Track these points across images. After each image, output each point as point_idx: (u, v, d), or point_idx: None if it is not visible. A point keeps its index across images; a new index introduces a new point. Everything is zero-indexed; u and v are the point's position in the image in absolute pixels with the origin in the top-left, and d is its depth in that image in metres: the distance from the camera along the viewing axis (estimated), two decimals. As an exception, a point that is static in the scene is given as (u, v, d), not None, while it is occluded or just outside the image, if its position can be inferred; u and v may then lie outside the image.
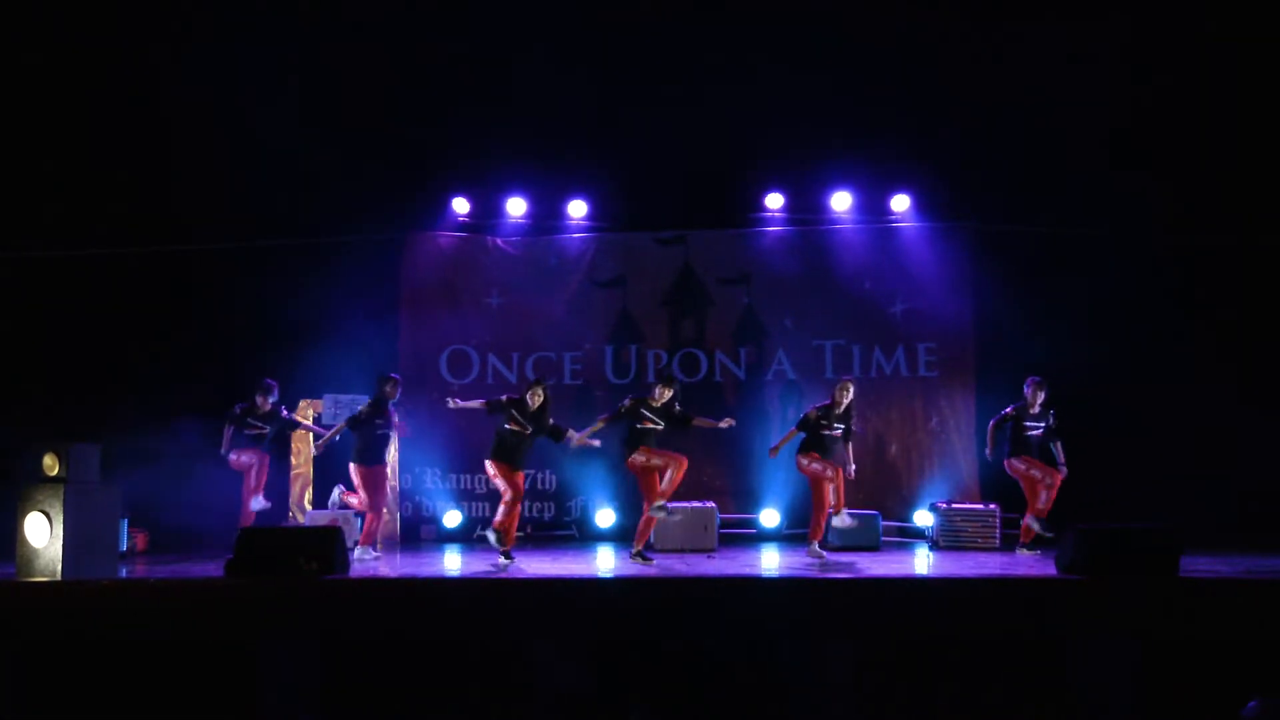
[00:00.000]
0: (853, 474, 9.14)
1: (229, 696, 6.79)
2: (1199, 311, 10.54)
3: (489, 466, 8.64)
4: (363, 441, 9.23)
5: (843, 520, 9.00)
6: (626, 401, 8.84)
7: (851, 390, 9.03)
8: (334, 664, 6.94)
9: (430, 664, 6.98)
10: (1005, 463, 9.21)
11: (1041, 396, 9.09)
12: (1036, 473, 9.03)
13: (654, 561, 8.76)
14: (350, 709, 6.89)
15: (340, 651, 6.97)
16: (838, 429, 8.99)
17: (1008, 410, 9.20)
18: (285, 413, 9.92)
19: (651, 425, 8.69)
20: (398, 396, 9.49)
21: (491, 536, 8.47)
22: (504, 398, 8.78)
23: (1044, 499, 9.00)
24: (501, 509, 8.57)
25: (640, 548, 8.75)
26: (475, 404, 8.83)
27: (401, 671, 6.98)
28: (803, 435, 9.00)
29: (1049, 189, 10.77)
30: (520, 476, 8.71)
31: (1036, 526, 9.00)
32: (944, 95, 10.75)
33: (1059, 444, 9.15)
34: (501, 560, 8.42)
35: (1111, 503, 9.82)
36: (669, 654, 6.96)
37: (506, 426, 8.65)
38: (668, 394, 8.74)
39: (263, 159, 10.51)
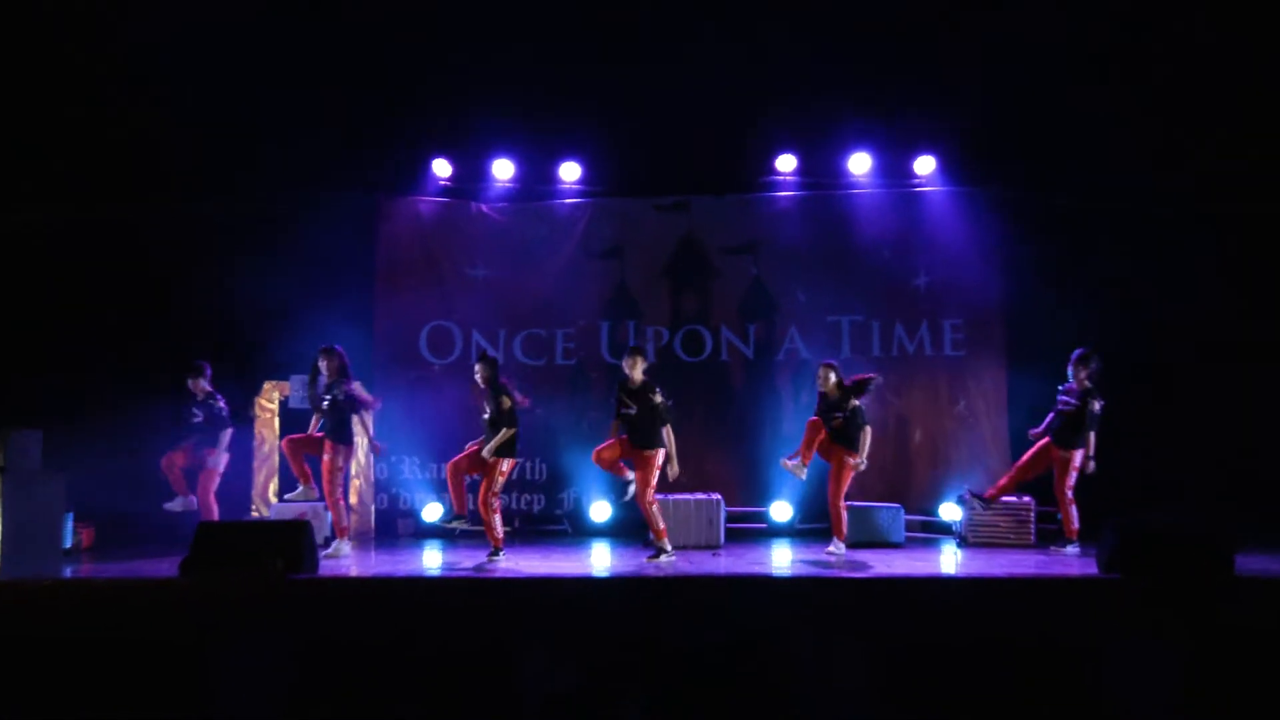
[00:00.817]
0: (862, 466, 9.04)
1: (185, 706, 6.70)
2: (1253, 284, 10.41)
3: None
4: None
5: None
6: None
7: (833, 375, 9.05)
8: (302, 672, 6.84)
9: (408, 671, 6.89)
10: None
11: (1082, 372, 9.07)
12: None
13: (674, 558, 8.73)
14: (319, 721, 6.81)
15: (309, 658, 6.87)
16: (836, 417, 8.94)
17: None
18: (222, 403, 9.71)
19: (625, 411, 8.60)
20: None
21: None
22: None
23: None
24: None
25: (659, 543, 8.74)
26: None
27: (376, 679, 6.89)
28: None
29: (1088, 150, 10.57)
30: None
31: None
32: (972, 45, 10.54)
33: (1091, 435, 9.03)
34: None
35: (1155, 494, 9.79)
36: (669, 660, 6.87)
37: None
38: (638, 370, 8.63)
39: (220, 114, 10.37)
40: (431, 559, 9.20)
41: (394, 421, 10.89)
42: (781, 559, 9.02)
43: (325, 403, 9.02)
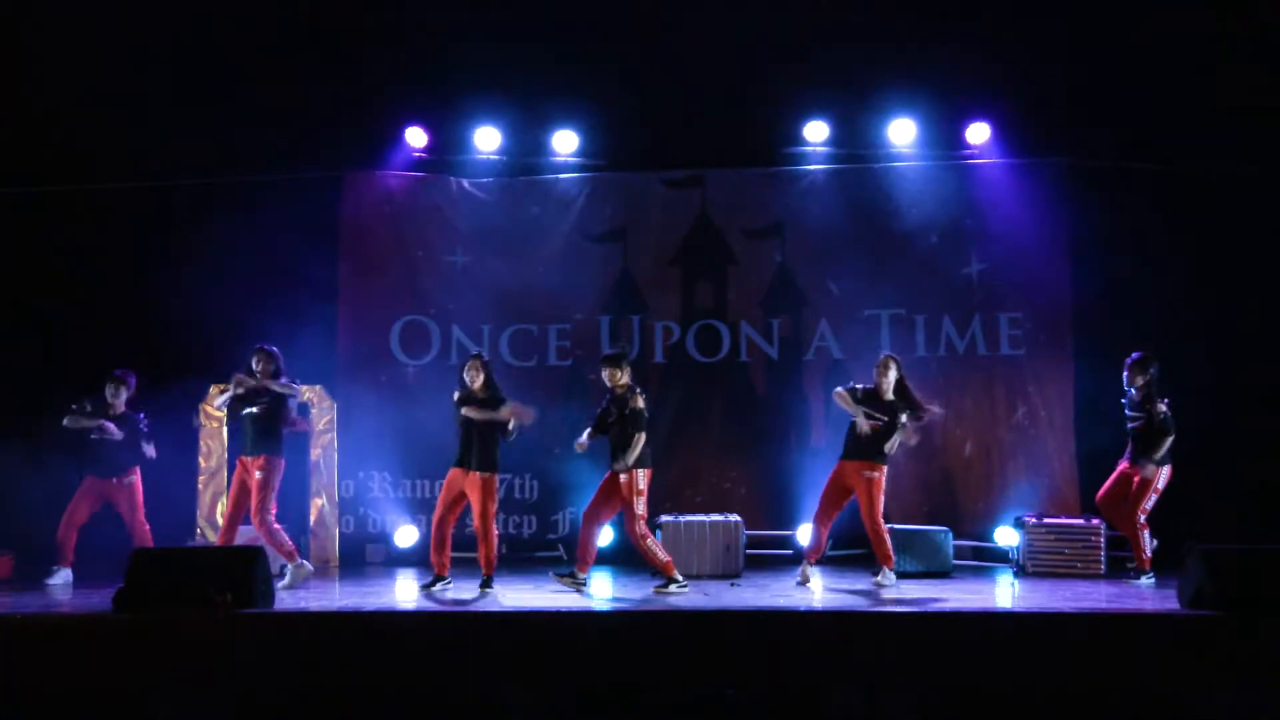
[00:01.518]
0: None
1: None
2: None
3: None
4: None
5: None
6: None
7: (894, 369, 9.06)
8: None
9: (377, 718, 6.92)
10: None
11: (1140, 379, 9.26)
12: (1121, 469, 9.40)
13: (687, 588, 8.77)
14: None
15: (261, 706, 6.90)
16: (878, 419, 8.98)
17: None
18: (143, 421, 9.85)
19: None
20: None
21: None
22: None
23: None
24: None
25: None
26: None
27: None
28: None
29: (1172, 114, 10.54)
30: None
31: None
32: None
33: (1168, 441, 9.19)
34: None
35: (1245, 519, 9.78)
36: (682, 707, 6.89)
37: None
38: (618, 376, 8.80)
39: (152, 75, 10.35)
40: (405, 590, 9.20)
41: (362, 432, 10.89)
42: (811, 590, 9.01)
43: (256, 409, 9.08)
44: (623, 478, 8.66)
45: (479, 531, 8.86)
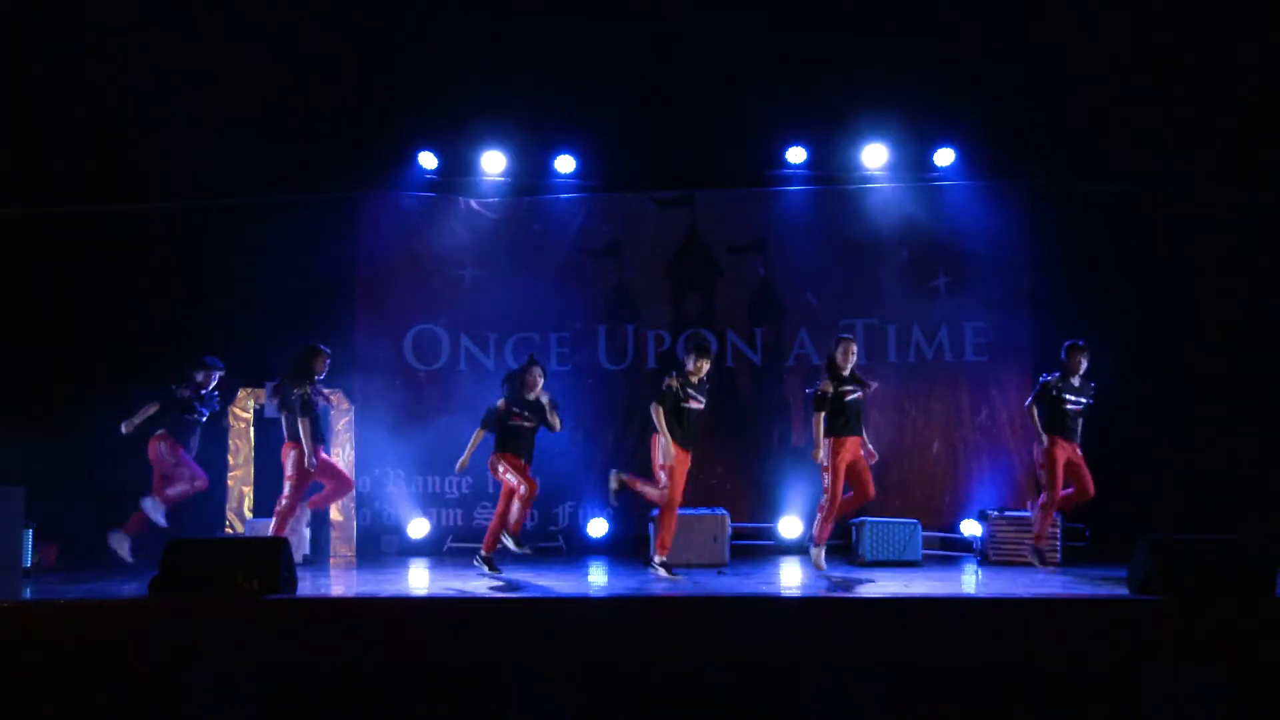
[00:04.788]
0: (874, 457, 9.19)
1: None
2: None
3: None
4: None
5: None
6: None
7: (854, 349, 9.17)
8: (279, 699, 6.86)
9: (391, 698, 6.91)
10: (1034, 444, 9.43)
11: (1084, 364, 9.29)
12: (1067, 456, 9.26)
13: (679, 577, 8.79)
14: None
15: (286, 684, 6.90)
16: (856, 392, 9.04)
17: (1045, 379, 9.39)
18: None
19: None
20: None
21: None
22: None
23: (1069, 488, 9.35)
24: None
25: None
26: None
27: (357, 707, 6.91)
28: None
29: (1127, 138, 10.59)
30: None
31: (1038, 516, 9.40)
32: (997, 25, 10.54)
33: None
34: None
35: (1190, 510, 9.83)
36: (670, 686, 6.89)
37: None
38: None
39: (185, 104, 10.37)
40: (418, 578, 9.23)
41: (377, 431, 10.93)
42: (791, 578, 9.04)
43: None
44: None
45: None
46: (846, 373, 9.06)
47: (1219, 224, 10.42)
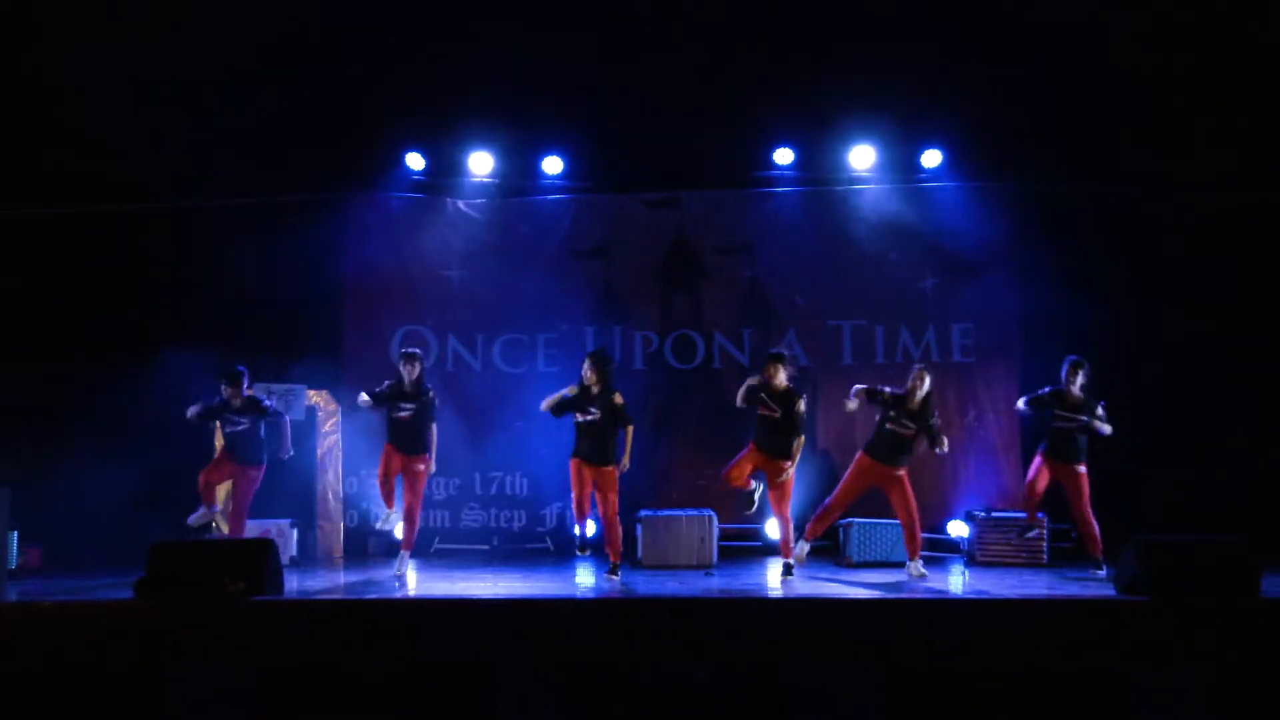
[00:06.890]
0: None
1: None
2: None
3: None
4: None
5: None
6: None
7: (928, 380, 8.92)
8: (265, 700, 6.84)
9: (378, 699, 6.90)
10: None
11: (1081, 380, 9.02)
12: (1050, 476, 9.16)
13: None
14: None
15: (272, 685, 6.88)
16: (909, 427, 8.87)
17: (1044, 391, 9.21)
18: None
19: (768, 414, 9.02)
20: None
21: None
22: None
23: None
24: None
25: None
26: None
27: (344, 708, 6.89)
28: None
29: (1115, 139, 10.62)
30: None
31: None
32: (984, 27, 10.57)
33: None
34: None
35: (1178, 511, 9.86)
36: (659, 687, 6.89)
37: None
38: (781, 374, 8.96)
39: (170, 106, 10.33)
40: (405, 579, 9.20)
41: (364, 433, 10.88)
42: (778, 579, 9.04)
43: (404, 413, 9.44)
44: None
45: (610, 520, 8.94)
46: (914, 406, 8.89)
47: (1208, 225, 10.47)
